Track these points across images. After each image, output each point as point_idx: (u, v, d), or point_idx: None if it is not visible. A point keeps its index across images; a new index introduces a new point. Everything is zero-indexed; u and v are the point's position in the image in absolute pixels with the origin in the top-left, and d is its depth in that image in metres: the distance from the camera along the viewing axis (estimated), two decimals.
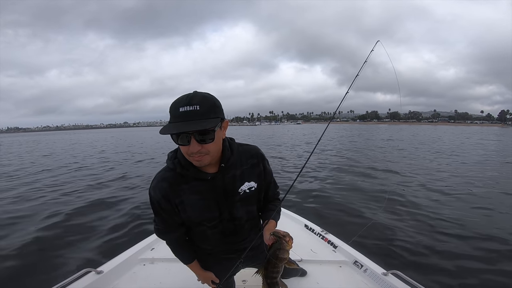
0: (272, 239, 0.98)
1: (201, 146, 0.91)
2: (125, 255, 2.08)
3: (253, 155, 1.15)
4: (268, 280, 1.00)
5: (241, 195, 1.10)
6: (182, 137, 0.90)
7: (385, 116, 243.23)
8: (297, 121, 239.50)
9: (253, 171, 1.13)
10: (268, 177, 1.21)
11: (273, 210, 1.19)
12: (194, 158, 0.94)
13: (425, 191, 5.99)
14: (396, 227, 3.84)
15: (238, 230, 1.17)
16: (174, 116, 0.89)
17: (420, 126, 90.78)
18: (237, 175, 1.09)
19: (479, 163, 10.35)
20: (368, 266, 1.90)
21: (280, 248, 0.95)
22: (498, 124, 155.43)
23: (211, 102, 0.91)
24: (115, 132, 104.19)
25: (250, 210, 1.17)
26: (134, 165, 10.89)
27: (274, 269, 0.98)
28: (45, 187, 7.05)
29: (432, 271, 2.80)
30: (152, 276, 1.94)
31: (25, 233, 3.87)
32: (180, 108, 0.87)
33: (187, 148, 0.92)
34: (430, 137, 27.13)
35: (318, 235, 2.44)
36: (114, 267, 1.91)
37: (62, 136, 60.25)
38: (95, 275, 1.78)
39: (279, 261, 0.96)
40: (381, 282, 1.75)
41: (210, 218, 1.10)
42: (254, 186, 1.13)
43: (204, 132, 0.89)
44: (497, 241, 3.46)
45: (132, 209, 4.89)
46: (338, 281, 1.87)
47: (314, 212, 4.59)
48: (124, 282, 1.87)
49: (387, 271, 1.78)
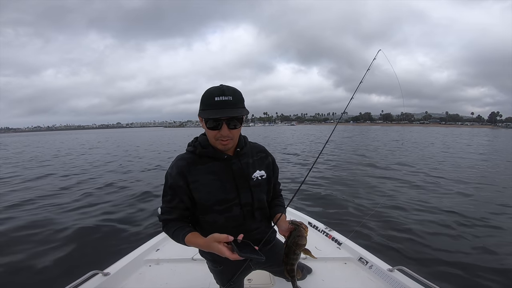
0: (290, 228, 1.08)
1: (229, 131, 1.04)
2: (131, 257, 2.08)
3: (262, 150, 1.30)
4: (288, 266, 1.09)
5: (254, 181, 1.19)
6: (216, 122, 1.02)
7: (378, 117, 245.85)
8: (291, 123, 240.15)
9: (263, 162, 1.25)
10: (276, 171, 1.33)
11: (282, 206, 1.31)
12: (221, 142, 1.06)
13: (430, 187, 6.05)
14: (400, 223, 3.87)
15: (248, 218, 1.19)
16: (208, 104, 1.00)
17: (412, 127, 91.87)
18: (250, 163, 1.20)
19: (484, 161, 10.59)
20: (373, 262, 1.91)
21: (299, 235, 1.05)
22: (488, 125, 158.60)
23: (240, 95, 1.05)
24: (106, 132, 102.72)
25: (261, 199, 1.22)
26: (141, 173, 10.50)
27: (294, 256, 1.07)
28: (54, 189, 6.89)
29: (438, 266, 2.82)
30: (158, 277, 1.94)
31: (33, 236, 3.81)
32: (215, 98, 0.99)
33: (216, 133, 1.04)
34: (424, 139, 27.50)
35: (322, 232, 2.46)
36: (120, 269, 1.90)
37: (43, 138, 58.92)
38: (102, 277, 1.77)
39: (298, 248, 1.06)
40: (387, 278, 1.76)
41: (223, 200, 1.12)
42: (264, 175, 1.22)
43: (236, 119, 1.03)
44: (506, 237, 3.48)
45: (137, 211, 4.87)
46: (343, 278, 1.87)
47: (317, 209, 4.63)
48: (130, 283, 1.87)
49: (392, 267, 1.79)
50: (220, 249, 0.93)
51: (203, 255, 1.29)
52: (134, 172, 9.18)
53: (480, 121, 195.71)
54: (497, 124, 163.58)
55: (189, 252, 2.10)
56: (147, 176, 8.36)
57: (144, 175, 8.59)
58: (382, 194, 5.44)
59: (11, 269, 2.96)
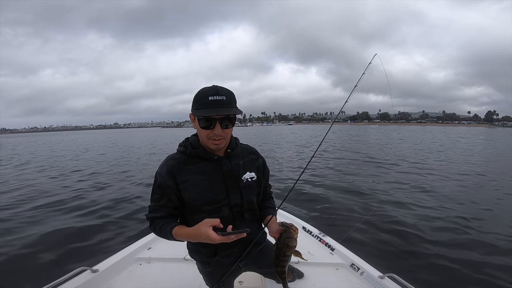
0: (280, 230, 1.10)
1: (222, 131, 1.06)
2: (121, 254, 2.06)
3: (253, 152, 1.31)
4: (279, 268, 1.11)
5: (244, 182, 1.20)
6: (209, 121, 1.04)
7: (376, 117, 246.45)
8: (289, 122, 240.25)
9: (253, 164, 1.27)
10: (266, 173, 1.34)
11: (273, 208, 1.33)
12: (213, 141, 1.08)
13: (423, 193, 5.97)
14: (393, 230, 3.86)
15: (237, 219, 1.19)
16: (203, 103, 1.02)
17: (409, 127, 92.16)
18: (240, 164, 1.21)
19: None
20: (365, 269, 1.91)
21: (289, 237, 1.07)
22: (485, 124, 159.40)
23: (233, 96, 1.07)
24: (104, 133, 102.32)
25: (251, 200, 1.23)
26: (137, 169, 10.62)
27: (284, 258, 1.09)
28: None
29: (429, 274, 2.81)
30: (148, 276, 1.93)
31: (20, 232, 3.82)
32: (210, 97, 1.01)
33: (208, 132, 1.06)
34: (422, 138, 27.58)
35: (316, 237, 2.46)
36: (110, 266, 1.89)
37: (39, 138, 58.63)
38: (91, 274, 1.75)
39: (288, 250, 1.07)
40: (378, 285, 1.75)
41: (212, 200, 1.13)
42: (254, 177, 1.24)
43: (229, 118, 1.06)
44: (499, 243, 3.44)
45: (128, 209, 4.88)
46: (334, 284, 1.88)
47: (311, 214, 4.63)
48: (120, 281, 1.86)
49: (383, 274, 1.79)
50: (207, 230, 0.95)
51: (192, 255, 1.29)
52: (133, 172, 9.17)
53: (477, 120, 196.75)
54: (494, 123, 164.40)
55: (181, 251, 2.08)
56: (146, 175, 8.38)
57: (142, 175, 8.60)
58: (377, 199, 5.40)
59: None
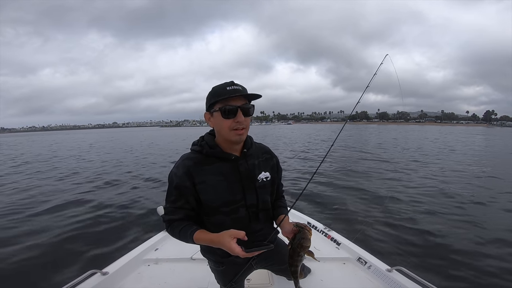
0: (295, 230, 1.10)
1: (244, 119, 1.05)
2: (129, 256, 2.08)
3: (267, 151, 1.30)
4: (292, 268, 1.11)
5: (259, 182, 1.19)
6: (231, 110, 1.02)
7: (374, 116, 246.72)
8: (288, 121, 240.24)
9: (268, 164, 1.26)
10: (280, 173, 1.34)
11: (285, 207, 1.32)
12: (236, 132, 1.05)
13: (429, 189, 6.02)
14: (399, 224, 3.87)
15: (253, 220, 1.19)
16: (222, 93, 1.02)
17: (408, 126, 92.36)
18: (256, 164, 1.20)
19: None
20: (372, 262, 1.91)
21: (303, 237, 1.07)
22: (483, 124, 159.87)
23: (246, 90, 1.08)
24: (103, 132, 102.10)
25: (265, 200, 1.23)
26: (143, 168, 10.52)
27: (298, 258, 1.09)
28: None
29: (437, 266, 2.82)
30: (156, 276, 1.94)
31: (30, 236, 3.81)
32: (227, 87, 1.02)
33: (231, 122, 1.04)
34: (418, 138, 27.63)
35: (321, 232, 2.46)
36: (119, 268, 1.90)
37: (37, 138, 58.41)
38: (101, 276, 1.77)
39: (302, 250, 1.08)
40: (386, 279, 1.76)
41: (230, 201, 1.12)
42: (269, 177, 1.23)
43: (248, 107, 1.06)
44: (504, 237, 3.48)
45: (135, 210, 4.86)
46: (342, 278, 1.88)
47: (317, 209, 4.65)
48: (129, 282, 1.87)
49: (391, 267, 1.79)
50: (230, 244, 0.95)
51: (205, 255, 1.28)
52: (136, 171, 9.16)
53: (475, 119, 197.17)
54: (492, 123, 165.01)
55: (188, 251, 2.10)
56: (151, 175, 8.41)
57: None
58: (384, 195, 5.44)
59: (9, 267, 2.96)
